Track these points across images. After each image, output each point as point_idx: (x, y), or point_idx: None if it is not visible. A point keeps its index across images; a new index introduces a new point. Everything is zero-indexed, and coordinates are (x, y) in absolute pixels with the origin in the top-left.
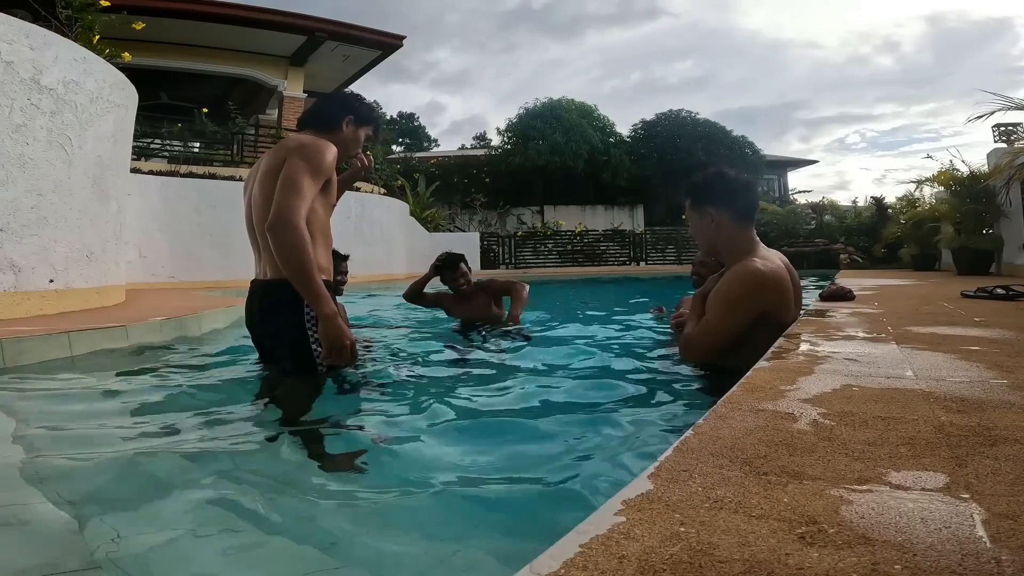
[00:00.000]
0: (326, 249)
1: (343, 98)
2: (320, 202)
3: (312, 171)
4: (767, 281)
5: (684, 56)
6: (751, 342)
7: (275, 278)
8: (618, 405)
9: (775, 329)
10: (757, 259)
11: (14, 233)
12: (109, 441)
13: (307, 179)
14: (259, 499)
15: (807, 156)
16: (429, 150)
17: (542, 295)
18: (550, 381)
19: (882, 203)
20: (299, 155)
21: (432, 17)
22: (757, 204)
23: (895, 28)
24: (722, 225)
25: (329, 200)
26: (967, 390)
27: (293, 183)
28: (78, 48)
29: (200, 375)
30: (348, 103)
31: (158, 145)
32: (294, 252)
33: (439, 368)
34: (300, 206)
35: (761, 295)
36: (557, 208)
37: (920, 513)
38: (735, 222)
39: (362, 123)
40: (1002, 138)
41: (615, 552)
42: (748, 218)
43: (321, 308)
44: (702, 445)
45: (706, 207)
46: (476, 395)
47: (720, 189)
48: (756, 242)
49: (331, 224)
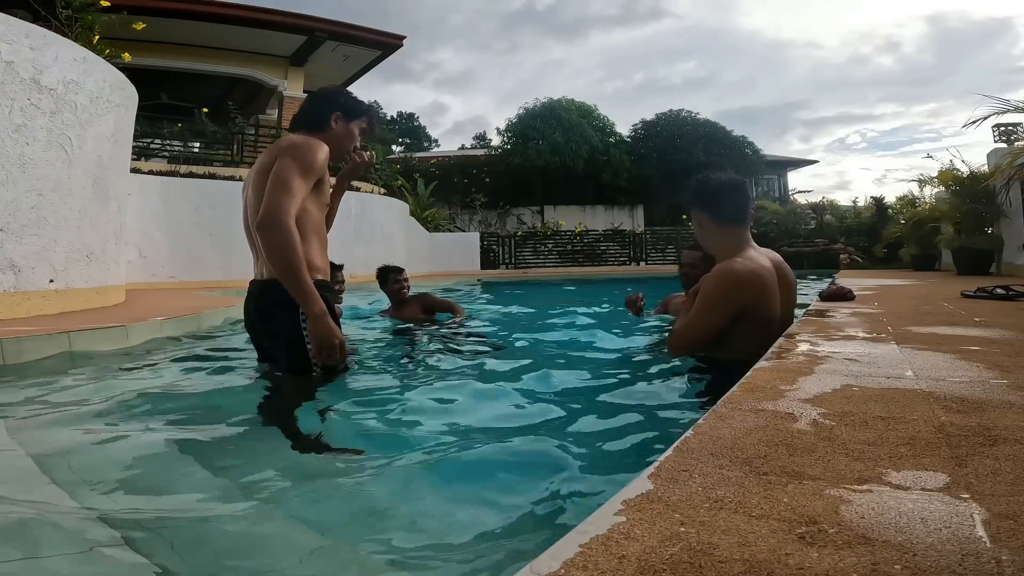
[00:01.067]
0: (321, 248)
1: (328, 95)
2: (313, 201)
3: (302, 170)
4: (744, 280)
5: (687, 57)
6: (736, 336)
7: (271, 278)
8: (618, 405)
9: (761, 322)
10: (738, 259)
11: (14, 233)
12: (109, 440)
13: (297, 177)
14: (257, 498)
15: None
16: (429, 150)
17: (542, 295)
18: (549, 381)
19: (882, 203)
20: (289, 154)
21: (436, 18)
22: (746, 205)
23: (896, 28)
24: (708, 227)
25: (322, 199)
26: (967, 390)
27: (283, 181)
28: (78, 48)
29: (200, 375)
30: (334, 99)
31: (158, 145)
32: (282, 250)
33: (434, 367)
34: (289, 205)
35: (737, 293)
36: (557, 208)
37: (920, 513)
38: (721, 223)
39: (351, 117)
40: (1002, 138)
41: (615, 552)
42: (734, 219)
43: (310, 306)
44: (702, 445)
45: (695, 209)
46: (474, 395)
47: (705, 193)
48: (745, 242)
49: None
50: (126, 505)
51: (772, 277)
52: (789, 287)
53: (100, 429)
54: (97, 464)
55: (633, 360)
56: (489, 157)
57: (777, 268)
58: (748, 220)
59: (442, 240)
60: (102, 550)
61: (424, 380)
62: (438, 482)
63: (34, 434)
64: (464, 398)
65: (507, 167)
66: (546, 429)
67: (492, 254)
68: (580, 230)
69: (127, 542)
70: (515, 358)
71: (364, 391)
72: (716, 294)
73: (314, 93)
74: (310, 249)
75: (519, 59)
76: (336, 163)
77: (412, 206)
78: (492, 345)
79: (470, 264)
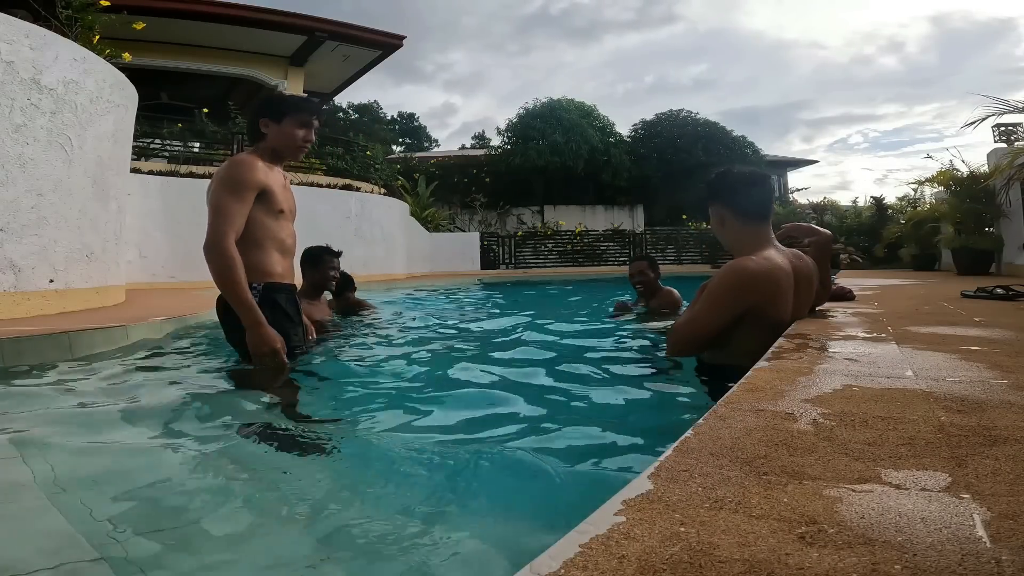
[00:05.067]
0: (281, 254)
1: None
2: (263, 211)
3: (231, 191)
4: (754, 278)
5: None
6: (738, 338)
7: None
8: (617, 405)
9: (768, 326)
10: (753, 257)
11: (14, 233)
12: (108, 440)
13: (229, 200)
14: (255, 495)
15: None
16: (429, 150)
17: (542, 294)
18: (548, 381)
19: (882, 203)
20: (217, 180)
21: (449, 20)
22: (769, 201)
23: (900, 28)
24: (728, 222)
25: (273, 206)
26: (967, 390)
27: (217, 208)
28: (78, 48)
29: (199, 374)
30: (259, 107)
31: (158, 145)
32: (222, 272)
33: (430, 365)
34: (227, 229)
35: (746, 292)
36: (557, 208)
37: (920, 513)
38: (741, 219)
39: (278, 117)
40: (1002, 138)
41: (615, 552)
42: (756, 215)
43: (245, 318)
44: (702, 445)
45: (715, 204)
46: (472, 395)
47: (727, 186)
48: (765, 240)
49: (332, 224)
50: (125, 504)
51: (787, 279)
52: (807, 290)
53: (99, 428)
54: (94, 465)
55: (633, 360)
56: (489, 157)
57: (796, 270)
58: (771, 216)
59: (442, 240)
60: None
61: (418, 378)
62: (437, 482)
63: (29, 435)
64: (462, 397)
65: (507, 167)
66: (545, 429)
67: (492, 254)
68: (580, 230)
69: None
70: (514, 358)
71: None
72: (722, 291)
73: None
74: (265, 257)
75: (531, 61)
76: (295, 160)
77: (412, 206)
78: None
79: (470, 264)
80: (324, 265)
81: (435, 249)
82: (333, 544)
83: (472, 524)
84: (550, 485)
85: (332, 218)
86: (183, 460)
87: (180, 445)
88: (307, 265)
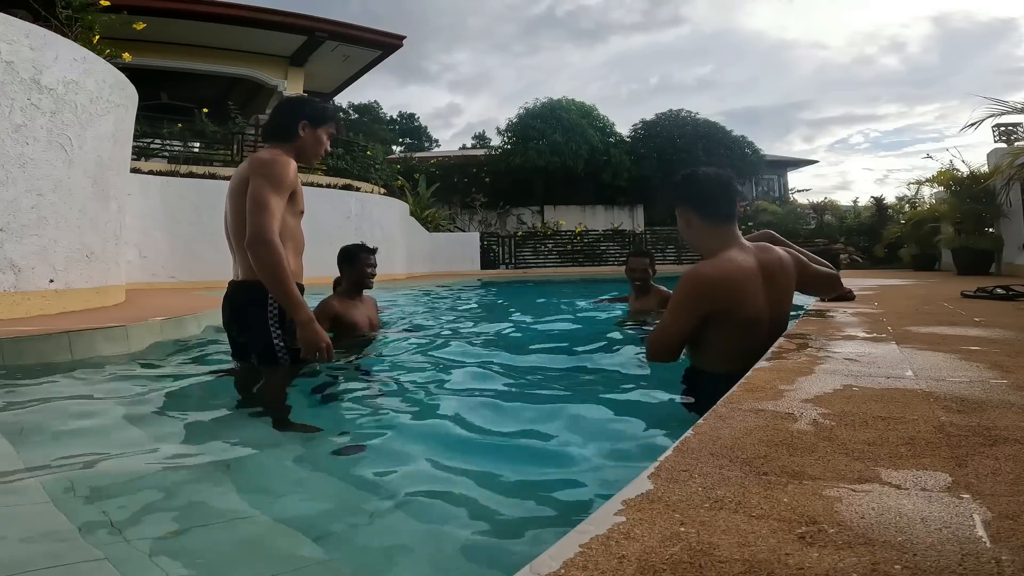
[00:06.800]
0: (296, 254)
1: (293, 105)
2: (288, 212)
3: (275, 188)
4: (709, 283)
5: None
6: (711, 339)
7: (246, 279)
8: (618, 405)
9: (737, 326)
10: (710, 261)
11: (14, 233)
12: (108, 440)
13: (272, 196)
14: (255, 495)
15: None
16: (429, 150)
17: (542, 294)
18: (548, 381)
19: (882, 203)
20: (261, 174)
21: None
22: (732, 203)
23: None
24: (694, 223)
25: (297, 207)
26: (967, 390)
27: (262, 203)
28: (78, 48)
29: (199, 374)
30: (299, 109)
31: (158, 145)
32: (272, 268)
33: (427, 369)
34: (272, 223)
35: (703, 298)
36: (557, 208)
37: (920, 513)
38: (705, 221)
39: (318, 124)
40: (1002, 138)
41: (615, 552)
42: (719, 217)
43: (298, 315)
44: (702, 445)
45: (681, 206)
46: (472, 395)
47: (691, 189)
48: (733, 240)
49: (332, 224)
50: (115, 505)
51: (752, 277)
52: (783, 278)
53: (99, 428)
54: (93, 464)
55: (633, 360)
56: (489, 157)
57: (764, 264)
58: (736, 217)
59: (442, 240)
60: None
61: (417, 379)
62: (437, 482)
63: (29, 435)
64: (461, 398)
65: (507, 167)
66: (545, 429)
67: (492, 254)
68: (580, 230)
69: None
70: (513, 358)
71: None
72: (680, 297)
73: (280, 103)
74: (288, 257)
75: (536, 62)
76: (309, 166)
77: (412, 206)
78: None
79: (470, 264)
80: (360, 262)
81: (435, 249)
82: (333, 544)
83: (472, 524)
84: (550, 485)
85: (332, 218)
86: (183, 460)
87: (180, 445)
88: (344, 264)
